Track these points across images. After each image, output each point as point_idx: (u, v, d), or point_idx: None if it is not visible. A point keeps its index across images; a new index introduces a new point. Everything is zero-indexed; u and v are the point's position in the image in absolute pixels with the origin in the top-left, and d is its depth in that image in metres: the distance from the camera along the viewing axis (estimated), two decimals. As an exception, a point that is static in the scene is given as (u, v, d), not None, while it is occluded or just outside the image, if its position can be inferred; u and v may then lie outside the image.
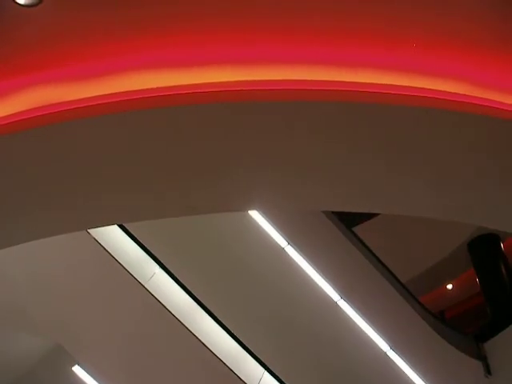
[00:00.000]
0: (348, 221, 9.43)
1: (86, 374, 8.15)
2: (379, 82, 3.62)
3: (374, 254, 9.32)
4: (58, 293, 7.48)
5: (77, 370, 8.27)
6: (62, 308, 7.57)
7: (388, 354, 8.87)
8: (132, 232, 7.83)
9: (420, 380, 8.99)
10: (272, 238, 8.11)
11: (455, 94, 3.63)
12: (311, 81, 3.60)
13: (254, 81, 3.57)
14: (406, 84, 3.63)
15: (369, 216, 12.42)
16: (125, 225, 7.72)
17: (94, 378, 7.94)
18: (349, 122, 3.73)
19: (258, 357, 8.42)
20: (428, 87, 3.62)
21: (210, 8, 3.49)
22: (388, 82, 3.62)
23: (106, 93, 3.54)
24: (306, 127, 3.76)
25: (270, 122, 3.74)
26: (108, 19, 3.48)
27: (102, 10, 3.45)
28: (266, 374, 8.44)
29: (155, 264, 8.02)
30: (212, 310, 8.24)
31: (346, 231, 9.05)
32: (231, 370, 8.09)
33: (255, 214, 7.97)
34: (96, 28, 3.50)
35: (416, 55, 3.63)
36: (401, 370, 8.95)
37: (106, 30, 3.51)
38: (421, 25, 3.63)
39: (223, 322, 8.28)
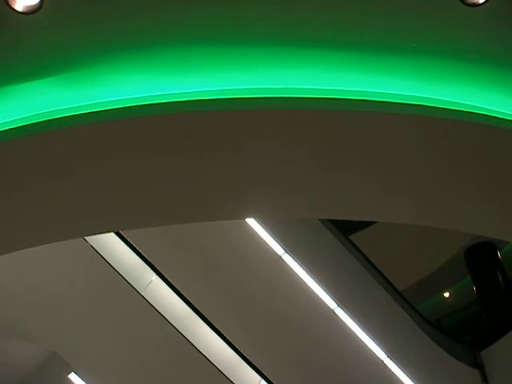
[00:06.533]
0: (345, 229, 9.44)
1: (81, 381, 8.15)
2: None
3: (371, 262, 9.32)
4: (54, 300, 7.46)
5: (73, 377, 8.28)
6: (58, 316, 7.55)
7: (385, 362, 8.86)
8: (129, 239, 7.82)
9: (417, 388, 9.00)
10: (269, 246, 8.11)
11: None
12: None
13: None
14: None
15: (366, 224, 12.42)
16: (122, 232, 7.71)
17: (90, 386, 7.95)
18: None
19: (255, 365, 8.40)
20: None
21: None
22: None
23: (103, 100, 3.56)
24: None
25: (260, 129, 3.77)
26: (106, 28, 3.50)
27: (99, 19, 3.47)
28: (263, 382, 8.42)
29: (152, 272, 8.00)
30: (209, 318, 8.22)
31: (343, 239, 9.05)
32: (228, 377, 8.07)
33: (252, 222, 7.98)
34: (94, 36, 3.51)
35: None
36: (397, 378, 8.94)
37: (103, 38, 3.52)
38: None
39: (220, 330, 8.26)
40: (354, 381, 8.77)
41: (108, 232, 7.11)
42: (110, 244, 7.70)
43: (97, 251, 7.43)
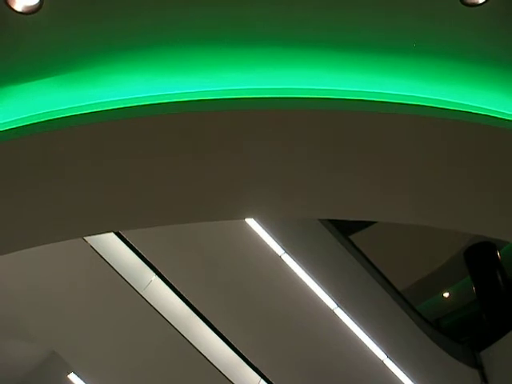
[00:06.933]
0: (345, 229, 9.44)
1: (81, 381, 8.15)
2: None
3: (370, 262, 9.33)
4: (54, 300, 7.46)
5: (72, 377, 8.27)
6: (58, 315, 7.55)
7: (385, 362, 8.86)
8: (129, 239, 7.83)
9: (416, 388, 8.99)
10: (269, 246, 8.11)
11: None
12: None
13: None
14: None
15: (365, 224, 12.42)
16: (121, 232, 7.72)
17: (90, 386, 7.95)
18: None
19: (255, 365, 8.40)
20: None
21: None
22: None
23: (103, 100, 3.56)
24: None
25: (259, 129, 3.78)
26: (106, 28, 3.50)
27: (99, 19, 3.47)
28: (262, 381, 8.43)
29: (152, 272, 8.00)
30: (208, 318, 8.22)
31: (342, 239, 9.05)
32: (227, 377, 8.07)
33: (252, 222, 7.98)
34: (94, 36, 3.51)
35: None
36: (397, 378, 8.94)
37: (103, 38, 3.52)
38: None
39: (220, 330, 8.26)
40: (353, 381, 8.77)
41: (108, 232, 7.11)
42: (110, 244, 7.71)
43: (96, 251, 7.43)
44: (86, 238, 7.29)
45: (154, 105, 3.54)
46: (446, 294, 14.61)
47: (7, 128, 3.49)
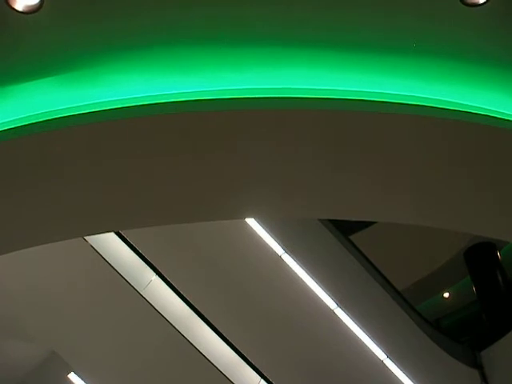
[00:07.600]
0: (345, 229, 9.43)
1: (81, 381, 8.15)
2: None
3: (370, 262, 9.32)
4: (54, 300, 7.46)
5: (72, 377, 8.27)
6: (57, 315, 7.55)
7: (384, 362, 8.86)
8: (129, 239, 7.82)
9: (416, 388, 8.99)
10: (269, 245, 8.11)
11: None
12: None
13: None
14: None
15: (366, 224, 12.42)
16: (122, 232, 7.71)
17: (90, 386, 7.94)
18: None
19: (255, 365, 8.40)
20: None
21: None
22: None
23: (102, 100, 3.56)
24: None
25: (259, 129, 3.78)
26: (106, 28, 3.50)
27: (99, 19, 3.47)
28: (263, 381, 8.42)
29: (152, 271, 8.00)
30: (209, 318, 8.22)
31: (342, 239, 9.05)
32: (227, 377, 8.07)
33: (252, 222, 7.97)
34: (94, 36, 3.51)
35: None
36: (397, 378, 8.93)
37: (103, 38, 3.52)
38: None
39: (220, 330, 8.26)
40: (353, 381, 8.77)
41: (107, 232, 7.11)
42: (110, 244, 7.70)
43: (96, 251, 7.42)
44: (86, 238, 7.29)
45: (153, 105, 3.54)
46: (446, 294, 14.61)
47: (6, 128, 3.49)
